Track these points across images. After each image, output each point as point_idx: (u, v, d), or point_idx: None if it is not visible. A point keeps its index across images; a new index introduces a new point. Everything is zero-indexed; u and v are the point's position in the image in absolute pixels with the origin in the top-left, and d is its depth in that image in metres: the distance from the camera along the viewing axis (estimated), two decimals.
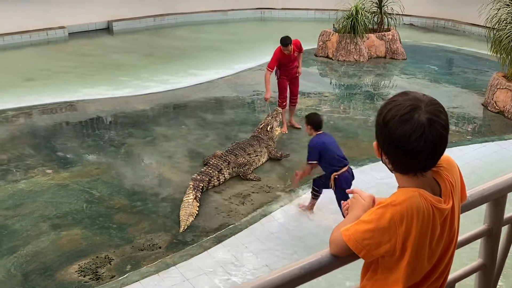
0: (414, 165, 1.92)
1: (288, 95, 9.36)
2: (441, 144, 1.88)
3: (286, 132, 9.27)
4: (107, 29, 16.15)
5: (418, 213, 1.89)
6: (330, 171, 6.37)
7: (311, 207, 6.91)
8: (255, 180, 7.72)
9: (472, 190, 2.33)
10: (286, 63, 9.02)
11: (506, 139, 9.10)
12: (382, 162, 2.04)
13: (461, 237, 2.21)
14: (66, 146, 8.76)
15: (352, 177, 6.49)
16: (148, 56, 13.78)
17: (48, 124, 9.64)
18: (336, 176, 6.32)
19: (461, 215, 2.16)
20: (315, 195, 6.80)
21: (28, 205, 7.02)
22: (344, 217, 2.16)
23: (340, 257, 1.98)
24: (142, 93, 11.20)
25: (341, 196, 6.26)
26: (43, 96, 10.83)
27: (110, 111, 10.25)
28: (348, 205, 2.15)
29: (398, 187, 2.01)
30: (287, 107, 9.45)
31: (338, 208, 6.41)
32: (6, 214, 6.82)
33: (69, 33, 15.33)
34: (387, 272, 1.99)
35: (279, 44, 8.81)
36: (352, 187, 6.49)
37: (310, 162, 6.46)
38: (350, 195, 2.20)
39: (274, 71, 9.01)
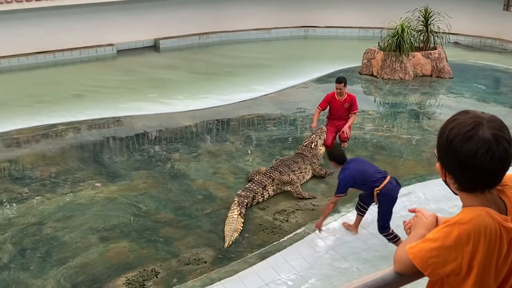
0: (481, 182, 1.90)
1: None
2: (507, 158, 1.88)
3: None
4: (154, 47, 16.50)
5: (486, 232, 1.87)
6: (371, 189, 6.25)
7: (356, 225, 6.84)
8: (310, 198, 7.69)
9: None
10: (335, 109, 9.18)
11: None
12: (445, 183, 2.02)
13: None
14: (114, 160, 8.95)
15: (398, 186, 6.30)
16: (193, 73, 13.99)
17: (96, 139, 9.88)
18: (379, 191, 6.17)
19: None
20: (361, 212, 6.71)
21: (78, 217, 7.18)
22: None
23: (405, 275, 1.96)
24: (187, 109, 11.35)
25: (387, 209, 6.21)
26: (92, 112, 11.11)
27: (156, 126, 10.44)
28: (411, 224, 2.13)
29: (463, 206, 1.98)
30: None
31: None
32: (56, 226, 7.00)
33: (117, 51, 15.72)
34: None
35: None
36: (414, 207, 6.49)
37: (338, 195, 6.38)
38: (411, 214, 2.18)
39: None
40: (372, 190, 6.20)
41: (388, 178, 6.22)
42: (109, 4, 15.26)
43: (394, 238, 6.21)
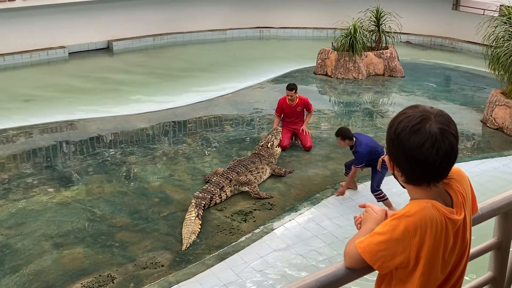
0: (427, 175, 1.94)
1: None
2: (452, 153, 1.92)
3: None
4: (107, 49, 16.22)
5: (432, 224, 1.91)
6: (377, 158, 7.27)
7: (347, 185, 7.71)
8: (267, 198, 7.71)
9: (482, 203, 2.35)
10: (288, 114, 9.40)
11: (505, 155, 9.12)
12: (394, 176, 2.06)
13: (471, 250, 2.22)
14: (67, 165, 8.77)
15: None
16: (148, 75, 13.82)
17: (49, 143, 9.65)
18: (383, 159, 7.21)
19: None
20: (382, 198, 7.32)
21: (30, 224, 7.01)
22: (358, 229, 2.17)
23: (355, 269, 1.99)
24: (142, 111, 11.22)
25: (383, 175, 7.29)
26: (44, 116, 10.83)
27: (111, 129, 10.28)
28: (361, 219, 2.16)
29: (410, 199, 2.02)
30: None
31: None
32: (8, 233, 6.81)
33: (69, 53, 15.37)
34: (401, 284, 2.00)
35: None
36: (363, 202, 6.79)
37: (358, 166, 7.40)
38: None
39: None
40: (378, 159, 7.25)
41: None
42: (60, 6, 14.92)
43: (383, 198, 7.25)
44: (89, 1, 15.30)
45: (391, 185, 7.13)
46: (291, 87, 9.20)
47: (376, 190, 7.30)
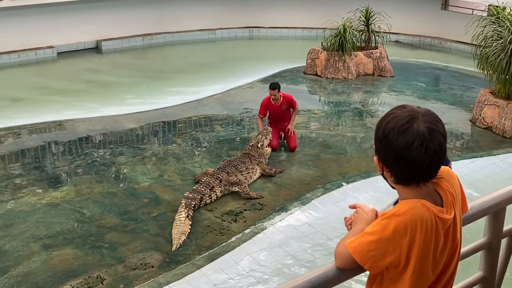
0: (416, 175, 1.93)
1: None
2: (441, 152, 1.92)
3: None
4: (96, 49, 16.13)
5: (422, 223, 1.90)
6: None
7: None
8: (257, 198, 7.70)
9: (472, 203, 2.36)
10: (274, 114, 9.38)
11: (494, 155, 9.18)
12: (383, 177, 2.05)
13: (461, 249, 2.22)
14: (56, 165, 8.71)
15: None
16: (137, 75, 13.77)
17: (37, 144, 9.58)
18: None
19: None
20: None
21: (19, 225, 6.95)
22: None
23: (346, 270, 1.98)
24: (131, 111, 11.16)
25: None
26: (32, 116, 10.75)
27: (99, 130, 10.21)
28: (351, 220, 2.16)
29: (400, 199, 2.02)
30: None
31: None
32: None
33: (58, 53, 15.27)
34: (392, 284, 1.99)
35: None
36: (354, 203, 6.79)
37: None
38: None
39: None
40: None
41: None
42: (49, 6, 14.81)
43: None
44: (78, 0, 15.22)
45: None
46: (274, 86, 9.17)
47: None
